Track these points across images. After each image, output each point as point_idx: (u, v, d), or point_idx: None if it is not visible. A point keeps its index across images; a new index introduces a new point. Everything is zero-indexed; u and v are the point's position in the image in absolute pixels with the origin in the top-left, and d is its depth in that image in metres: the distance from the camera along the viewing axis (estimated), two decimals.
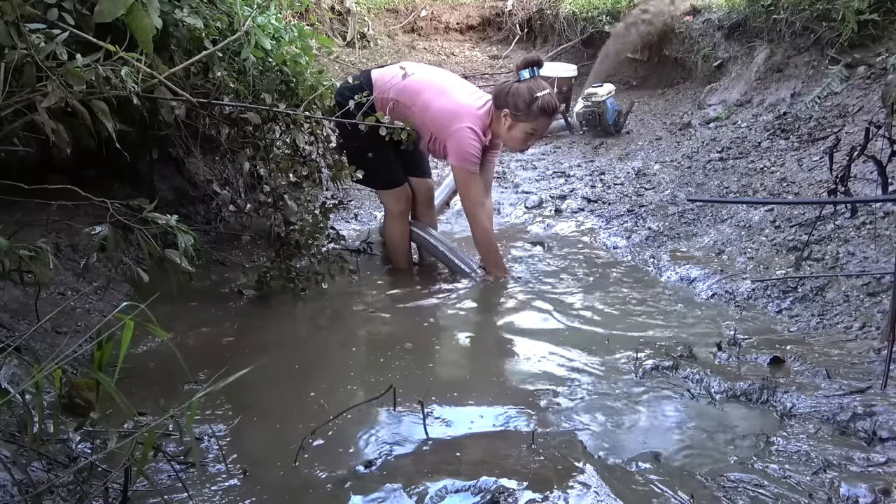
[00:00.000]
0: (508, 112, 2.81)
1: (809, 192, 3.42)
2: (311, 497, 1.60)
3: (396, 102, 2.86)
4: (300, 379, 2.21)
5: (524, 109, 2.78)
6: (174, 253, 1.93)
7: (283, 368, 2.25)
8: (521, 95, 2.77)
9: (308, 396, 2.06)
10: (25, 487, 1.36)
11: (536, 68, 2.83)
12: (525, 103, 2.77)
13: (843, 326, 2.42)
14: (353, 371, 2.28)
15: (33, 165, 2.48)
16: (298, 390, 2.11)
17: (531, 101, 2.76)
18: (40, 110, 1.68)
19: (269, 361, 2.21)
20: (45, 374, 1.31)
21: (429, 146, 2.97)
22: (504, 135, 2.88)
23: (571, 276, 3.13)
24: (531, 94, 2.76)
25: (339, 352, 2.44)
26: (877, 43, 4.24)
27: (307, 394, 2.08)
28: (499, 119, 2.85)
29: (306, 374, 2.25)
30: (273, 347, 2.40)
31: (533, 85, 2.78)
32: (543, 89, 2.78)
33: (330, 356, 2.41)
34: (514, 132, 2.85)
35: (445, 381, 2.22)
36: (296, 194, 2.77)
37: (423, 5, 8.26)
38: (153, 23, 1.72)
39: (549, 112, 2.82)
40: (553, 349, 2.40)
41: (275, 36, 2.76)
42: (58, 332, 2.20)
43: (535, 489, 1.57)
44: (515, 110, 2.79)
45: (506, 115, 2.82)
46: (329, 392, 2.08)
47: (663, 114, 5.62)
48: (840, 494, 1.54)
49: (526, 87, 2.78)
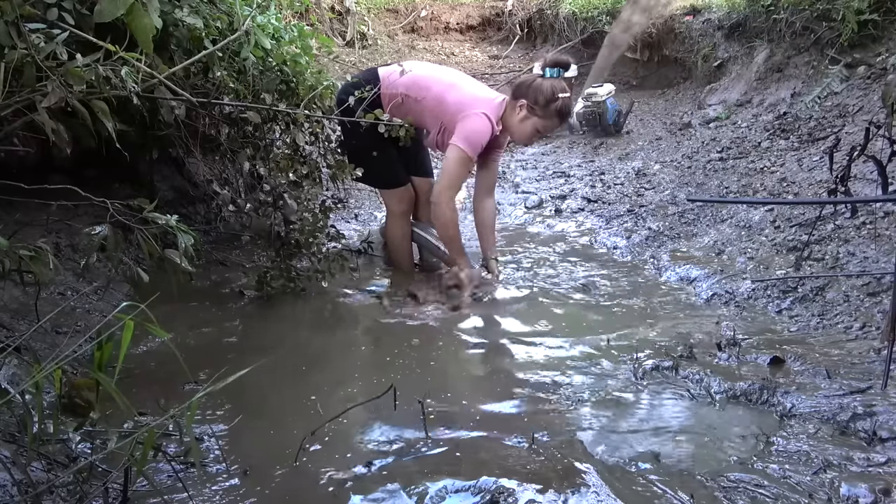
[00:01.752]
0: (525, 104, 2.81)
1: (809, 192, 3.42)
2: (311, 497, 1.60)
3: (406, 97, 2.85)
4: (300, 379, 2.21)
5: (542, 105, 2.79)
6: (174, 253, 1.93)
7: (284, 368, 2.25)
8: (544, 92, 2.78)
9: (308, 396, 2.06)
10: (25, 487, 1.36)
11: (563, 70, 2.84)
12: (546, 100, 2.78)
13: (843, 326, 2.42)
14: (353, 371, 2.28)
15: (33, 165, 2.48)
16: (299, 390, 2.11)
17: (552, 99, 2.78)
18: (40, 110, 1.68)
19: (270, 361, 2.21)
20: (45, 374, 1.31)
21: (436, 139, 2.94)
22: (515, 126, 2.87)
23: (571, 276, 3.13)
24: (553, 93, 2.78)
25: (339, 352, 2.44)
26: (877, 43, 4.24)
27: (307, 394, 2.08)
28: (513, 109, 2.85)
29: (306, 375, 2.24)
30: (273, 347, 2.40)
31: (557, 85, 2.80)
32: (565, 92, 2.80)
33: (330, 356, 2.41)
34: (525, 125, 2.85)
35: (445, 381, 2.22)
36: (296, 193, 2.77)
37: (423, 5, 8.26)
38: (153, 23, 1.71)
39: (563, 115, 2.85)
40: (553, 349, 2.40)
41: (275, 36, 2.76)
42: (58, 332, 2.20)
43: (535, 489, 1.57)
44: (534, 103, 2.80)
45: (521, 106, 2.82)
46: (329, 392, 2.08)
47: (663, 114, 5.62)
48: (840, 494, 1.54)
49: (550, 84, 2.79)
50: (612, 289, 2.96)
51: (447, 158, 2.86)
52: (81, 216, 2.60)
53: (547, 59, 2.90)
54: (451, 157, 2.84)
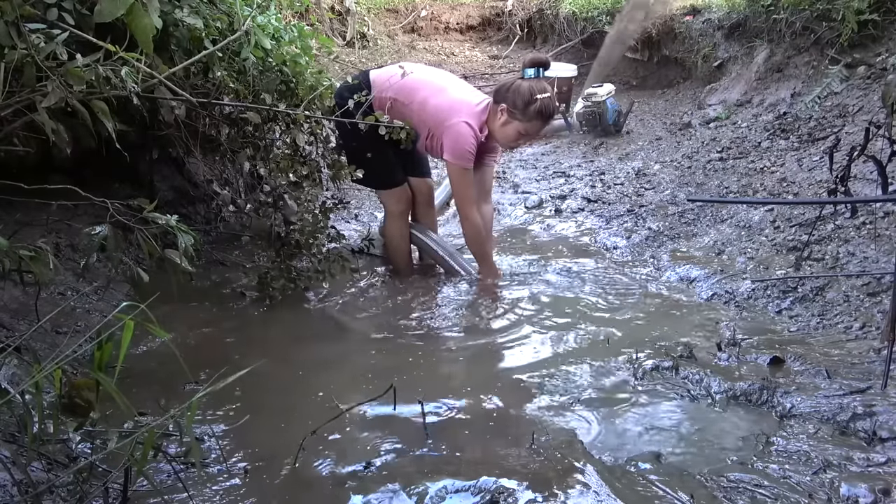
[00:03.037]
0: (506, 108, 2.80)
1: (809, 192, 3.42)
2: (311, 497, 1.60)
3: (394, 101, 2.86)
4: (300, 379, 2.22)
5: (521, 108, 2.77)
6: (174, 253, 1.93)
7: (284, 368, 2.25)
8: (522, 94, 2.76)
9: (308, 396, 2.06)
10: (25, 487, 1.36)
11: (543, 69, 2.83)
12: (523, 103, 2.76)
13: (843, 326, 2.42)
14: (353, 371, 2.28)
15: (33, 165, 2.47)
16: (299, 390, 2.12)
17: (530, 101, 2.75)
18: (40, 110, 1.68)
19: (270, 362, 2.21)
20: (45, 374, 1.31)
21: (426, 144, 2.95)
22: (497, 130, 2.86)
23: (571, 276, 3.13)
24: (531, 95, 2.75)
25: (339, 352, 2.44)
26: (877, 43, 4.24)
27: (307, 394, 2.08)
28: (495, 114, 2.84)
29: (307, 375, 2.25)
30: (273, 347, 2.40)
31: (535, 86, 2.77)
32: (544, 92, 2.77)
33: (330, 356, 2.41)
34: (507, 129, 2.84)
35: (445, 382, 2.22)
36: (296, 194, 2.77)
37: (423, 5, 8.26)
38: (153, 23, 1.71)
39: (545, 116, 2.80)
40: (553, 349, 2.40)
41: (275, 36, 2.76)
42: (58, 332, 2.20)
43: (535, 489, 1.57)
44: (513, 107, 2.78)
45: (502, 111, 2.81)
46: (329, 392, 2.08)
47: (663, 114, 5.62)
48: (840, 494, 1.54)
49: (528, 86, 2.77)
50: (612, 289, 2.96)
51: (450, 177, 2.97)
52: (81, 216, 2.60)
53: (526, 59, 2.89)
54: (450, 176, 2.95)
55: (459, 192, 2.95)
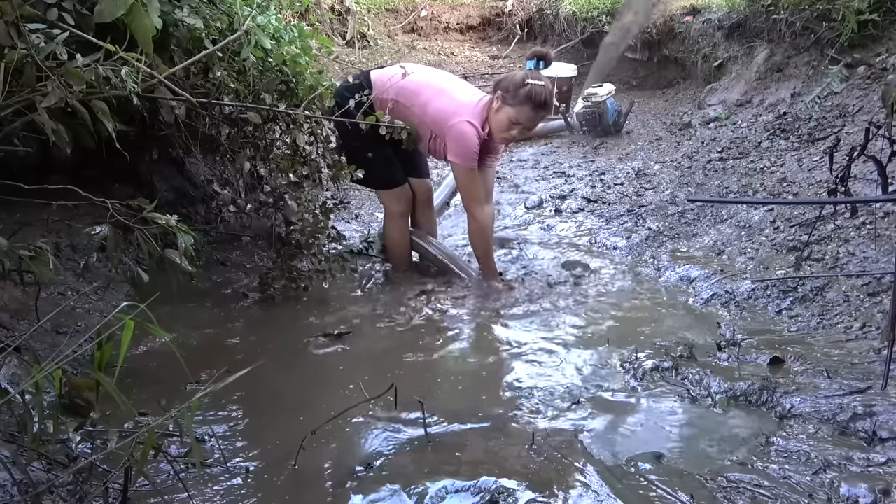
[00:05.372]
0: (500, 94, 2.81)
1: (809, 192, 3.42)
2: (311, 497, 1.60)
3: (396, 102, 2.86)
4: (300, 379, 2.22)
5: (512, 92, 2.77)
6: (174, 253, 1.93)
7: (284, 369, 2.25)
8: (515, 79, 2.79)
9: (308, 397, 2.06)
10: (25, 487, 1.36)
11: (543, 62, 2.84)
12: (514, 86, 2.76)
13: (843, 326, 2.42)
14: (353, 371, 2.28)
15: (33, 165, 2.48)
16: (299, 391, 2.12)
17: (521, 85, 2.75)
18: (40, 110, 1.68)
19: (270, 362, 2.21)
20: (45, 374, 1.31)
21: (429, 146, 2.96)
22: (492, 119, 2.86)
23: (571, 276, 3.13)
24: (523, 80, 2.76)
25: (339, 352, 2.44)
26: (877, 43, 4.23)
27: (307, 394, 2.08)
28: (492, 104, 2.85)
29: (307, 375, 2.25)
30: (273, 348, 2.40)
31: (530, 74, 2.79)
32: (537, 80, 2.78)
33: (331, 357, 2.40)
34: (499, 115, 2.83)
35: (446, 381, 2.22)
36: (296, 194, 2.76)
37: (423, 5, 8.25)
38: (153, 23, 1.72)
39: (536, 103, 2.77)
40: (553, 349, 2.40)
41: (275, 36, 2.76)
42: (58, 332, 2.20)
43: (535, 489, 1.57)
44: (505, 92, 2.80)
45: (497, 98, 2.82)
46: (329, 392, 2.08)
47: (663, 114, 5.62)
48: (840, 494, 1.54)
49: (522, 73, 2.80)
50: (612, 289, 2.96)
51: (456, 178, 3.02)
52: (81, 216, 2.60)
53: (529, 52, 2.91)
54: (458, 175, 2.98)
55: (466, 191, 2.97)
